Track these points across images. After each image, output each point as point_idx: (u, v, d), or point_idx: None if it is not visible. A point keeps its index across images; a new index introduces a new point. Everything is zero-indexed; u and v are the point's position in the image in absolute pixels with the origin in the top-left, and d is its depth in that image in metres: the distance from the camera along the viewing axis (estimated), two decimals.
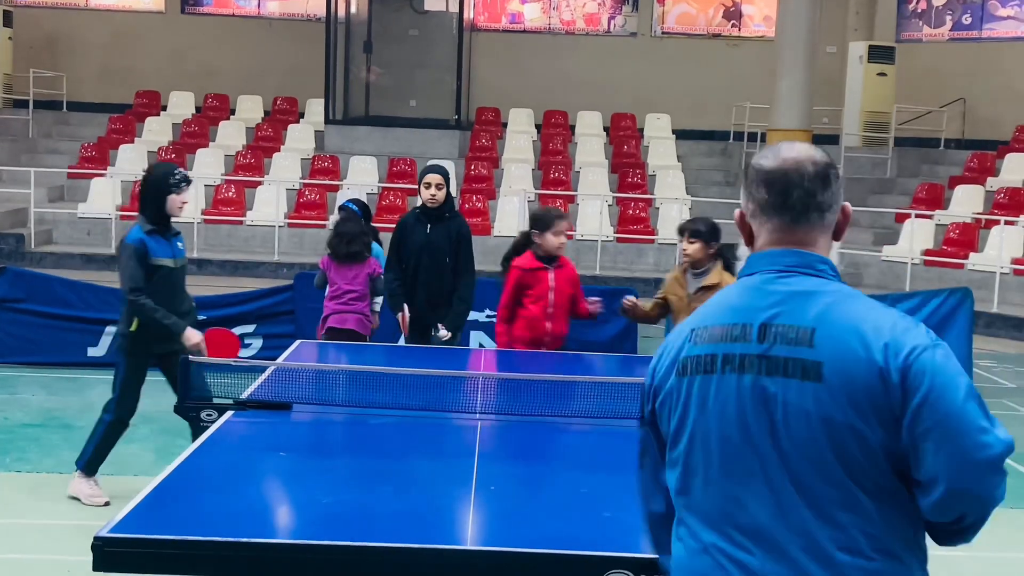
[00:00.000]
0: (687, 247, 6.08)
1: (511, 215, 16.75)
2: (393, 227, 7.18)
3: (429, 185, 6.86)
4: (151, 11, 21.92)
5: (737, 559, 2.07)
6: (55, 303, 9.40)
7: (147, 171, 6.23)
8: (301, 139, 19.45)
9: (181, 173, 5.93)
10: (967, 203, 17.29)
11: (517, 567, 2.90)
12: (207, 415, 4.42)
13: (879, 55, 20.07)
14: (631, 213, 17.36)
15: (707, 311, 2.23)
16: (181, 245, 6.07)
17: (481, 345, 9.17)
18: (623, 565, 2.77)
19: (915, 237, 15.98)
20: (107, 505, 5.84)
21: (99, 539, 2.83)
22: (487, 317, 9.45)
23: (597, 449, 4.25)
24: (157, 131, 19.69)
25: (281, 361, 5.24)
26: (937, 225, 16.75)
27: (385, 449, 4.08)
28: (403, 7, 20.60)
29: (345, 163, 18.44)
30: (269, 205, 16.91)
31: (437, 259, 6.85)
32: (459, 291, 6.89)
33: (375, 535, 2.99)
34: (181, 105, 20.93)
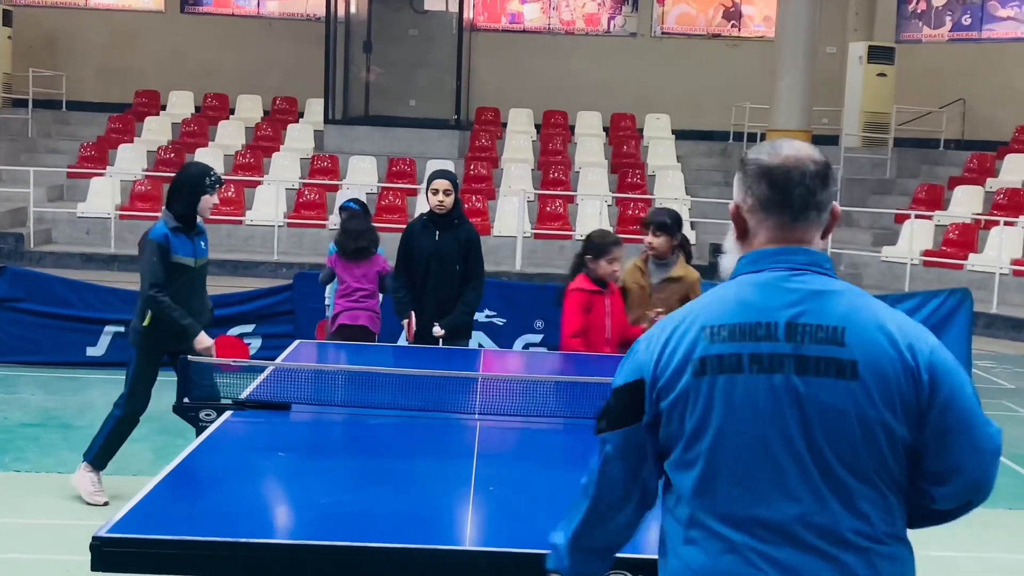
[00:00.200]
0: (652, 240, 6.15)
1: (511, 215, 16.75)
2: (393, 227, 7.15)
3: (437, 191, 6.66)
4: (151, 11, 21.93)
5: (769, 555, 2.08)
6: (54, 303, 9.40)
7: (182, 168, 6.21)
8: (301, 139, 19.45)
9: (216, 175, 5.94)
10: (967, 204, 17.30)
11: (516, 567, 2.89)
12: (206, 415, 4.42)
13: (879, 55, 20.07)
14: (631, 213, 17.34)
15: (716, 308, 2.17)
16: (204, 245, 6.03)
17: (480, 345, 9.16)
18: (623, 565, 2.76)
19: (915, 238, 15.98)
20: (106, 505, 5.84)
21: (97, 539, 2.83)
22: (486, 317, 9.45)
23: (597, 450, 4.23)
24: (156, 131, 19.69)
25: (280, 361, 5.24)
26: (937, 226, 16.76)
27: (384, 449, 4.07)
28: (403, 7, 20.60)
29: (345, 163, 18.43)
30: (268, 205, 16.92)
31: (446, 267, 6.68)
32: (465, 296, 6.73)
33: (374, 535, 2.99)
34: (180, 105, 20.93)
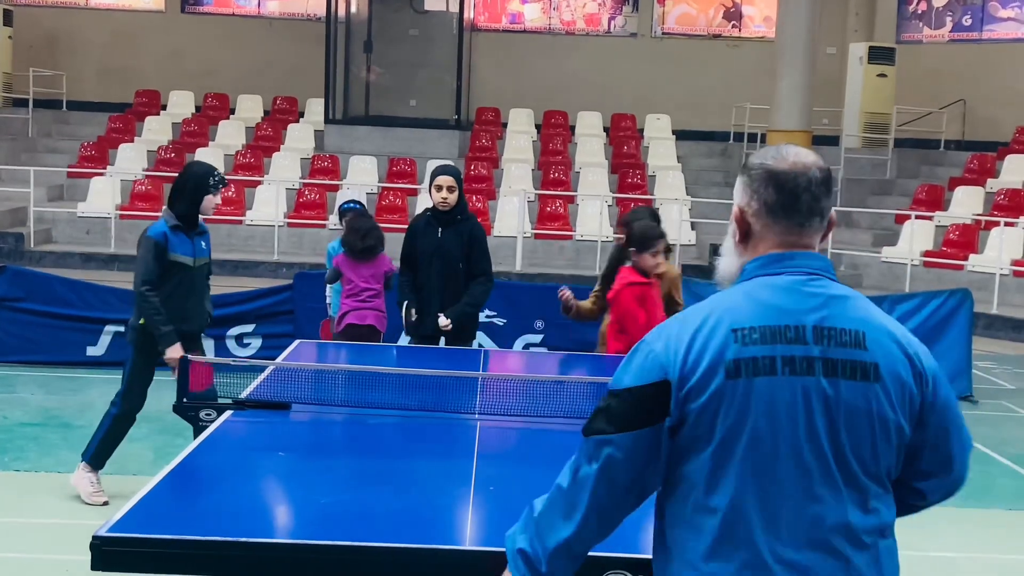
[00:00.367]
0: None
1: (511, 215, 16.75)
2: (393, 227, 7.13)
3: (440, 187, 6.56)
4: (151, 10, 21.94)
5: (783, 557, 2.09)
6: (54, 302, 9.41)
7: (185, 167, 6.21)
8: (301, 139, 19.45)
9: (219, 175, 5.95)
10: (967, 204, 17.30)
11: None
12: (206, 415, 4.42)
13: (879, 56, 20.07)
14: None
15: (742, 310, 2.14)
16: (205, 245, 6.03)
17: (480, 345, 9.16)
18: (622, 566, 2.76)
19: (915, 238, 15.98)
20: (106, 505, 5.84)
21: (97, 538, 2.83)
22: (487, 317, 9.45)
23: None
24: (157, 130, 19.69)
25: (280, 361, 5.24)
26: (937, 226, 16.76)
27: (384, 449, 4.07)
28: (403, 7, 20.60)
29: (345, 163, 18.43)
30: (269, 205, 16.92)
31: (450, 264, 6.58)
32: (471, 289, 6.61)
33: (374, 535, 2.98)
34: (181, 104, 20.93)
